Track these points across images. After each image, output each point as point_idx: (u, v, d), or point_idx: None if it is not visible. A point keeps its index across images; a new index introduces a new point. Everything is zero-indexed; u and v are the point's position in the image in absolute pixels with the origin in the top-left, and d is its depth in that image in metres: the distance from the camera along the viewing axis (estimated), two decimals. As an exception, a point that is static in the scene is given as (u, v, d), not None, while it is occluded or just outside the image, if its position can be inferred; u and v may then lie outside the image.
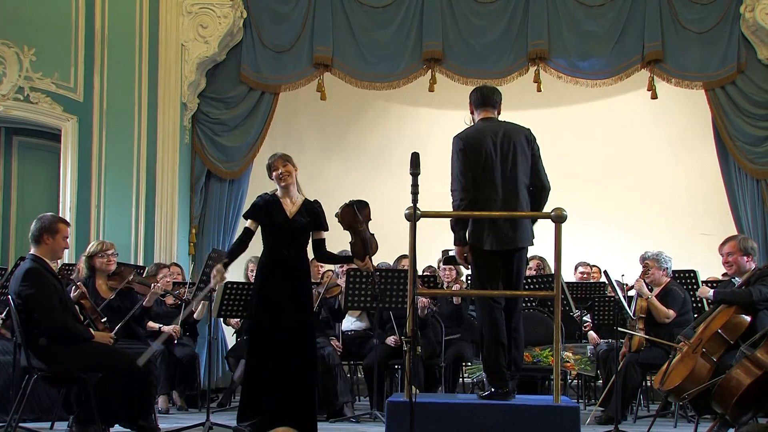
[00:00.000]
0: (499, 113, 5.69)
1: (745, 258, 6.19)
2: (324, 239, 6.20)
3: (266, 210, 6.07)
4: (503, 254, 5.43)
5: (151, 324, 7.76)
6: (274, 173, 6.16)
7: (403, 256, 8.01)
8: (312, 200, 6.20)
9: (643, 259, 7.57)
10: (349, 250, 6.20)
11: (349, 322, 8.18)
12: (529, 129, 5.68)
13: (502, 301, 5.44)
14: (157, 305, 7.98)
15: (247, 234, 6.12)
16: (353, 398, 7.95)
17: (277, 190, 6.20)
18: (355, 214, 5.97)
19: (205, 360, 8.32)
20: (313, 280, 7.08)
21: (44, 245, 5.76)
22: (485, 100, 5.64)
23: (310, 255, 6.33)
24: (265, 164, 6.26)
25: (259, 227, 6.16)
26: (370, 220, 6.10)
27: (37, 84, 9.45)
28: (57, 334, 5.62)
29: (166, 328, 7.75)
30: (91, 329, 6.16)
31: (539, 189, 5.57)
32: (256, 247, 9.10)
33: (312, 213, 6.13)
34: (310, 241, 6.23)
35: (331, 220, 6.19)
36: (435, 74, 9.61)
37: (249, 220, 6.11)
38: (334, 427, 6.96)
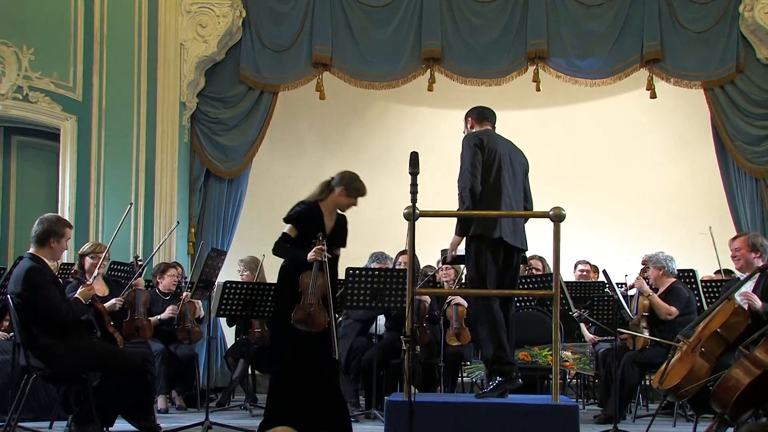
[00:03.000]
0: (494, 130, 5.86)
1: (752, 254, 6.28)
2: (338, 255, 6.10)
3: (309, 219, 5.93)
4: (506, 249, 5.51)
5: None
6: (355, 199, 6.03)
7: (402, 252, 8.03)
8: (341, 214, 6.11)
9: (644, 260, 7.58)
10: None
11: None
12: (525, 156, 5.89)
13: (498, 297, 5.52)
14: (156, 305, 8.00)
15: (286, 239, 5.93)
16: (357, 398, 7.94)
17: (319, 199, 6.03)
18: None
19: (204, 359, 8.33)
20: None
21: (48, 247, 5.75)
22: (485, 116, 5.87)
23: None
24: (356, 182, 6.08)
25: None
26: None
27: (36, 83, 9.45)
28: (69, 329, 5.63)
29: (164, 315, 7.90)
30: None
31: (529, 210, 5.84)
32: (246, 248, 9.16)
33: (340, 228, 6.08)
34: None
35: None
36: (434, 74, 9.61)
37: (289, 226, 5.93)
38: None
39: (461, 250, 5.68)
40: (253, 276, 8.28)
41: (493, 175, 5.54)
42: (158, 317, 7.91)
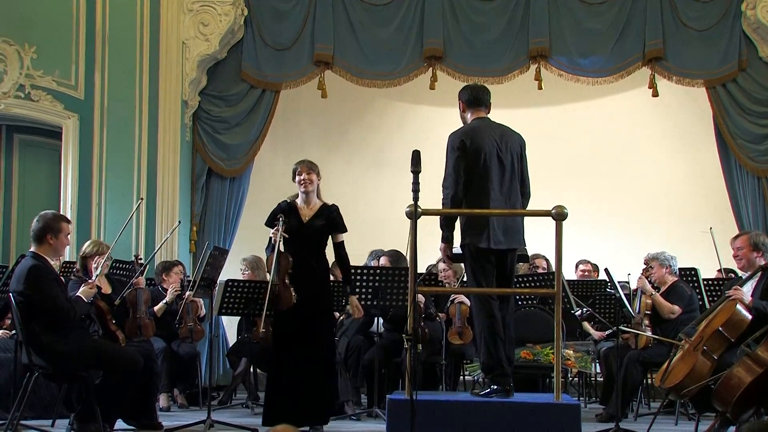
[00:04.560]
0: (488, 111, 5.73)
1: (754, 253, 6.29)
2: (342, 242, 6.37)
3: (283, 216, 6.20)
4: (498, 253, 5.47)
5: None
6: (297, 177, 6.32)
7: (384, 253, 8.01)
8: (330, 204, 6.36)
9: (647, 260, 7.57)
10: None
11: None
12: (521, 135, 5.70)
13: (497, 298, 5.50)
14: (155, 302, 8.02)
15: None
16: (358, 397, 7.95)
17: (297, 196, 6.38)
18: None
19: (206, 358, 8.33)
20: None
21: (47, 244, 5.76)
22: (477, 100, 5.73)
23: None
24: (292, 167, 6.40)
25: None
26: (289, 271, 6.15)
27: (38, 82, 9.45)
28: (72, 328, 5.63)
29: (168, 297, 7.96)
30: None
31: (525, 196, 5.72)
32: (248, 247, 9.16)
33: (328, 217, 6.28)
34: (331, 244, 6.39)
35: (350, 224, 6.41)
36: (436, 72, 9.60)
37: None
38: (335, 424, 6.95)
39: (459, 248, 5.68)
40: (254, 275, 8.29)
41: (478, 177, 5.47)
42: (163, 302, 7.94)
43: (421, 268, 8.32)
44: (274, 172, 10.79)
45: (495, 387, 5.43)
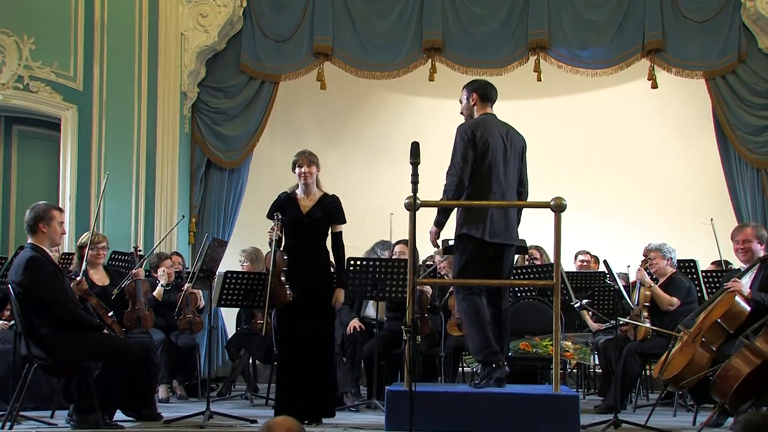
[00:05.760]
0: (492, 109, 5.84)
1: (759, 246, 6.27)
2: (340, 232, 6.36)
3: (283, 208, 6.26)
4: (494, 246, 5.50)
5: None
6: (297, 169, 6.33)
7: (399, 242, 8.02)
8: (330, 195, 6.37)
9: (647, 251, 7.57)
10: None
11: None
12: (523, 137, 5.83)
13: (483, 289, 5.52)
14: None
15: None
16: (357, 388, 7.96)
17: (297, 187, 6.39)
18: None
19: (205, 349, 8.34)
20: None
21: (40, 233, 5.77)
22: (487, 96, 5.85)
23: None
24: (292, 158, 6.41)
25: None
26: (285, 269, 6.17)
27: (37, 73, 9.44)
28: (66, 322, 5.63)
29: (162, 280, 8.00)
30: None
31: (523, 196, 5.80)
32: (247, 238, 9.17)
33: (327, 207, 6.29)
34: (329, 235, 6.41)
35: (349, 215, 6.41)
36: (435, 63, 9.60)
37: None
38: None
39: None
40: (253, 266, 8.29)
41: (483, 170, 5.53)
42: (160, 284, 7.96)
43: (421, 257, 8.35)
44: (273, 164, 10.80)
45: (489, 369, 5.46)
